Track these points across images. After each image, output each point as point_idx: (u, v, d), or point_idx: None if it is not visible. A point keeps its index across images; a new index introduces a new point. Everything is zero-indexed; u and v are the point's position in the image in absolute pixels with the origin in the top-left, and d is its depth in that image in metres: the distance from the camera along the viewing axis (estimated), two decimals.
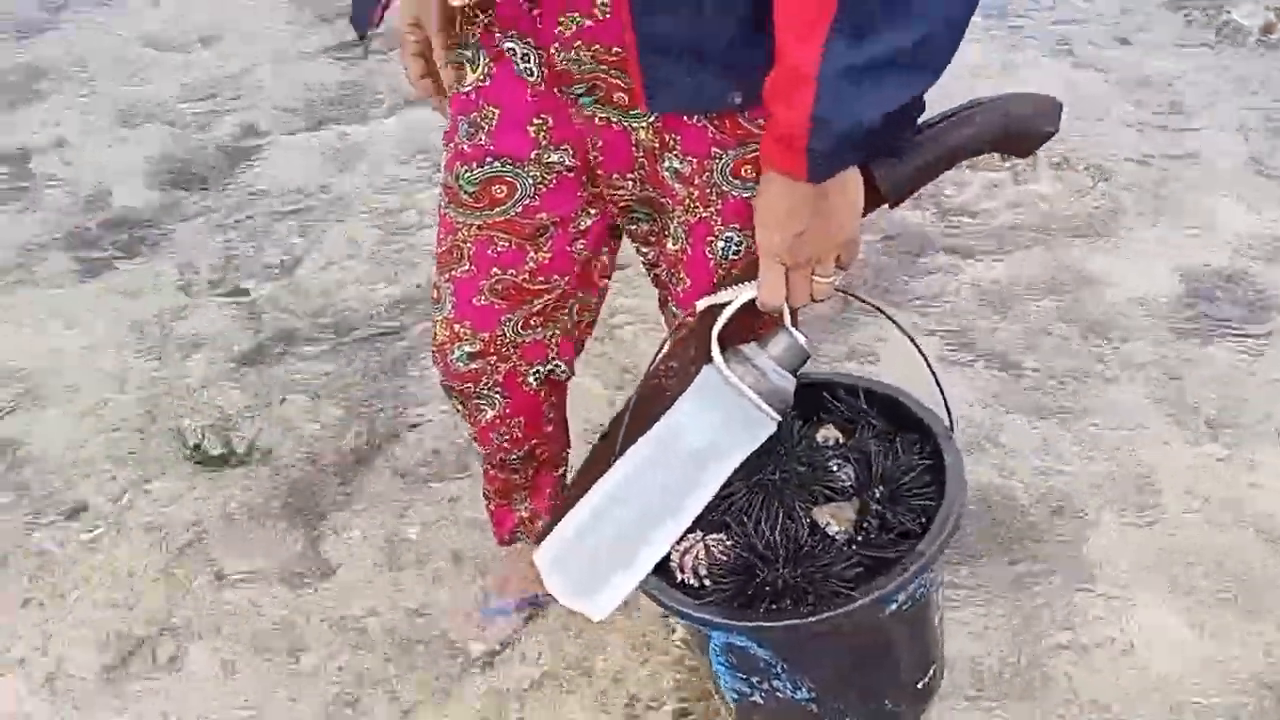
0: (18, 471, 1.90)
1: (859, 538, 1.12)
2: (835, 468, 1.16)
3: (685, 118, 1.02)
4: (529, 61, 1.05)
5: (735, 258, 1.12)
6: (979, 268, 2.24)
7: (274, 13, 3.35)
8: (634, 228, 1.21)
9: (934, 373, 1.19)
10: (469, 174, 1.13)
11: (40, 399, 2.04)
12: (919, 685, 1.26)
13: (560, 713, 1.50)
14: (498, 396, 1.31)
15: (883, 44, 0.84)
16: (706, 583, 1.11)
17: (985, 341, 2.06)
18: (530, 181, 1.13)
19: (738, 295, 1.07)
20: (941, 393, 1.19)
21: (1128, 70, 2.89)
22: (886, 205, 1.07)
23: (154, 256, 2.38)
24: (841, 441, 1.20)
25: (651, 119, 1.04)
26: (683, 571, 1.12)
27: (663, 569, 1.11)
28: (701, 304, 1.11)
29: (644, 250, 1.24)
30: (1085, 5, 3.20)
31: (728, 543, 1.12)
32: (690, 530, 1.11)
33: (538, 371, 1.30)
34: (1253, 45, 2.99)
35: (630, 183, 1.12)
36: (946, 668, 1.37)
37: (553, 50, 1.01)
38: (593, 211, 1.18)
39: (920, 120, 1.00)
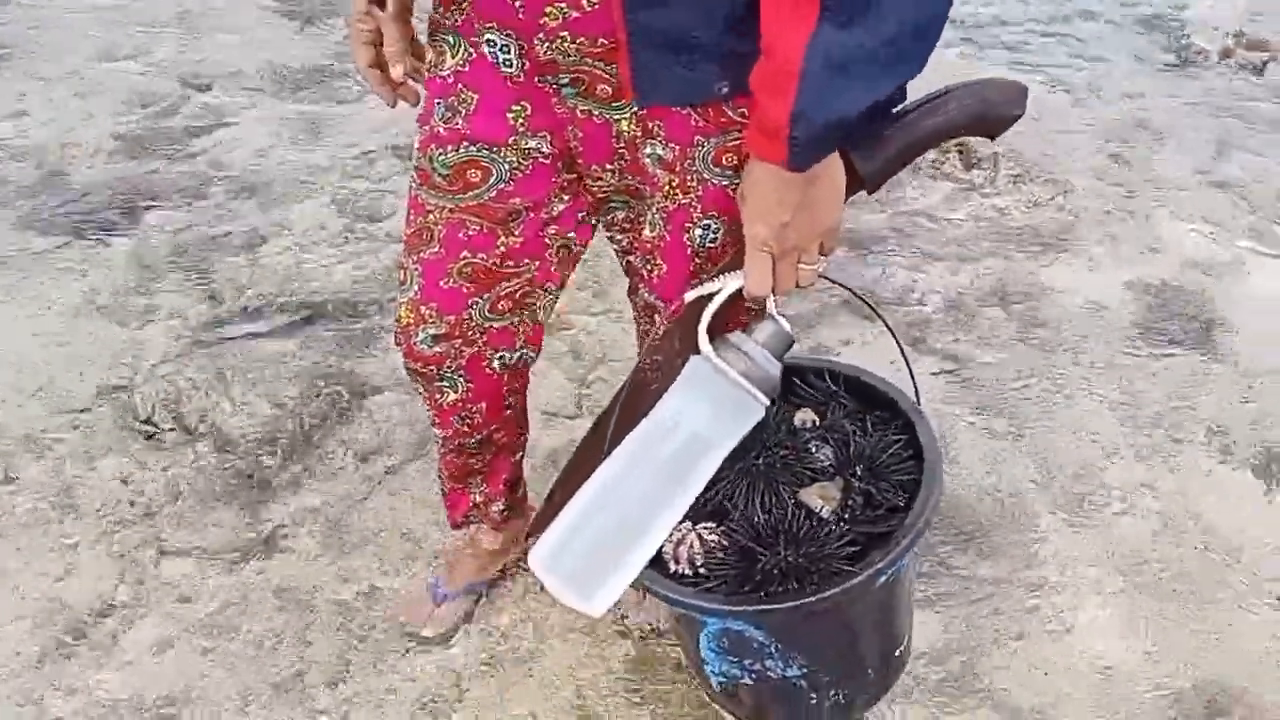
0: None
1: (846, 515, 1.14)
2: (815, 449, 1.19)
3: (670, 106, 1.03)
4: (509, 53, 1.05)
5: (712, 246, 1.13)
6: (937, 274, 2.27)
7: None
8: (609, 216, 1.21)
9: (903, 350, 1.22)
10: (444, 157, 1.12)
11: None
12: (896, 654, 1.30)
13: (506, 695, 1.50)
14: (460, 380, 1.31)
15: (866, 37, 0.85)
16: (701, 571, 1.13)
17: (939, 345, 2.09)
18: (506, 167, 1.12)
19: (724, 285, 1.08)
20: (909, 368, 1.22)
21: (1090, 88, 2.94)
22: (866, 190, 1.09)
23: (113, 230, 2.35)
24: (818, 423, 1.23)
25: (633, 108, 1.04)
26: (677, 562, 1.14)
27: (656, 561, 1.12)
28: (688, 296, 1.12)
29: (618, 238, 1.24)
30: (1051, 24, 3.26)
31: (719, 530, 1.14)
32: (680, 522, 1.12)
33: (503, 357, 1.30)
34: (1212, 68, 3.06)
35: (610, 173, 1.13)
36: None
37: (535, 42, 1.00)
38: (565, 198, 1.18)
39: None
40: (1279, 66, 3.08)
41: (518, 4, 0.98)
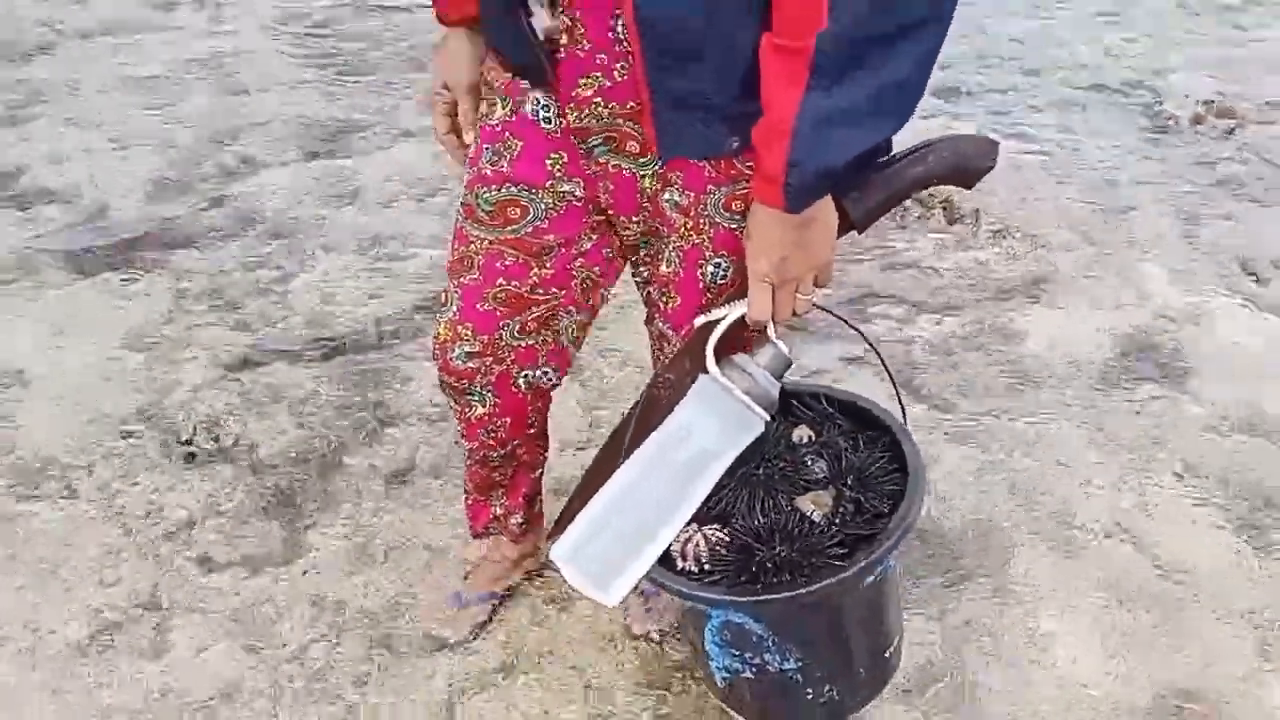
0: (11, 458, 2.00)
1: (837, 520, 1.27)
2: (810, 462, 1.32)
3: (688, 159, 1.19)
4: (549, 113, 1.22)
5: (722, 282, 1.28)
6: (923, 319, 2.43)
7: (272, 47, 3.51)
8: (635, 254, 1.37)
9: (890, 373, 1.37)
10: (488, 195, 1.28)
11: (36, 393, 2.14)
12: (886, 654, 1.41)
13: (522, 694, 1.61)
14: (489, 395, 1.44)
15: (850, 100, 1.01)
16: (706, 567, 1.25)
17: (926, 384, 2.24)
18: (542, 206, 1.28)
19: (730, 312, 1.23)
20: (896, 390, 1.36)
21: (1066, 150, 3.13)
22: (856, 231, 1.24)
23: (149, 270, 2.50)
24: (814, 439, 1.36)
25: (656, 165, 1.20)
26: (684, 560, 1.25)
27: (665, 558, 1.25)
28: (698, 321, 1.26)
29: (641, 271, 1.39)
30: (1028, 89, 3.46)
31: (723, 531, 1.27)
32: (688, 523, 1.25)
33: (527, 375, 1.44)
34: (1183, 133, 3.26)
35: (636, 222, 1.29)
36: None
37: (568, 110, 1.17)
38: (594, 236, 1.33)
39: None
40: (1245, 132, 3.28)
41: (557, 73, 1.14)
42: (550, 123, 1.22)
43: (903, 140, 1.11)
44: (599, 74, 1.12)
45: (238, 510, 1.90)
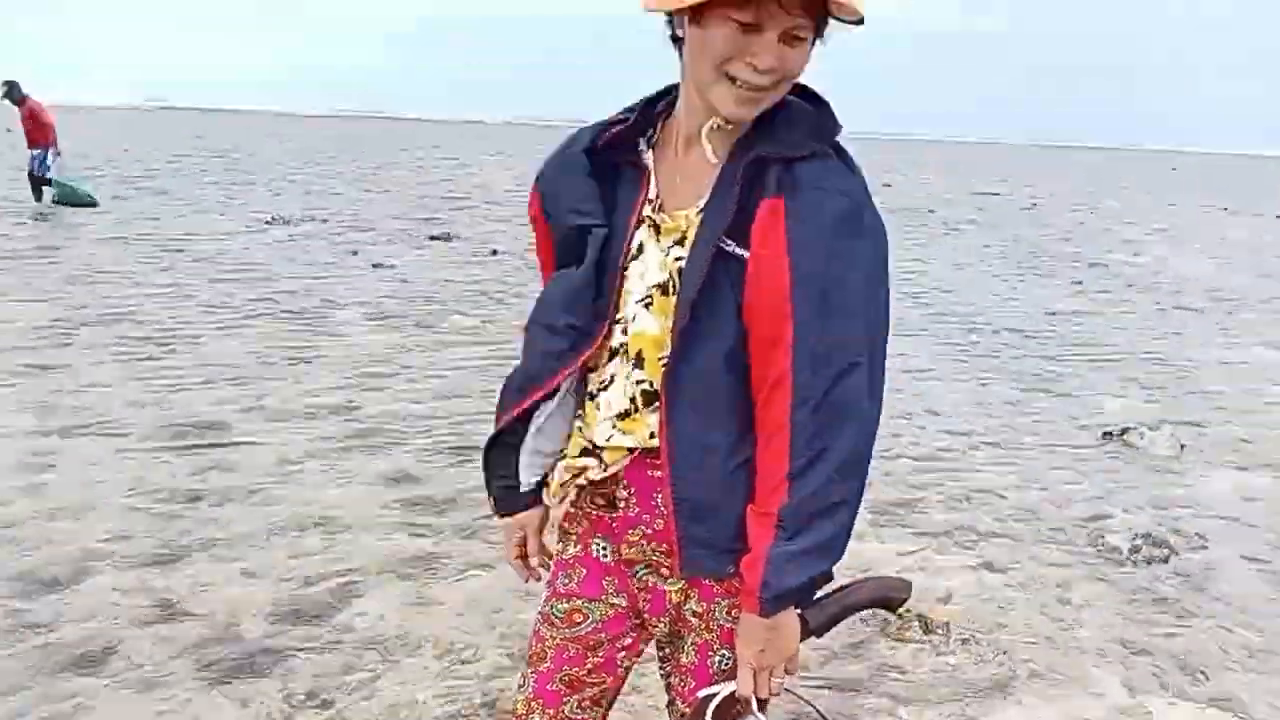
0: None
1: None
2: None
3: (702, 579, 1.76)
4: (605, 551, 1.83)
5: (725, 668, 1.80)
6: (905, 712, 2.90)
7: (368, 493, 4.32)
8: (662, 652, 1.92)
9: None
10: (560, 606, 1.87)
11: None
12: None
13: None
14: None
15: (804, 543, 1.60)
16: None
17: None
18: (597, 614, 1.85)
19: (723, 689, 1.73)
20: None
21: (1025, 574, 3.73)
22: (815, 635, 1.78)
23: (262, 676, 3.06)
24: None
25: (681, 583, 1.78)
26: None
27: None
28: (701, 694, 1.77)
29: (665, 666, 1.91)
30: (992, 524, 4.13)
31: None
32: None
33: None
34: (1122, 560, 3.86)
35: (663, 623, 1.84)
36: None
37: (624, 546, 1.78)
38: (633, 634, 1.88)
39: (831, 583, 1.72)
40: (1179, 560, 3.88)
41: (615, 526, 1.79)
42: (607, 557, 1.83)
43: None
44: (643, 526, 1.75)
45: None
